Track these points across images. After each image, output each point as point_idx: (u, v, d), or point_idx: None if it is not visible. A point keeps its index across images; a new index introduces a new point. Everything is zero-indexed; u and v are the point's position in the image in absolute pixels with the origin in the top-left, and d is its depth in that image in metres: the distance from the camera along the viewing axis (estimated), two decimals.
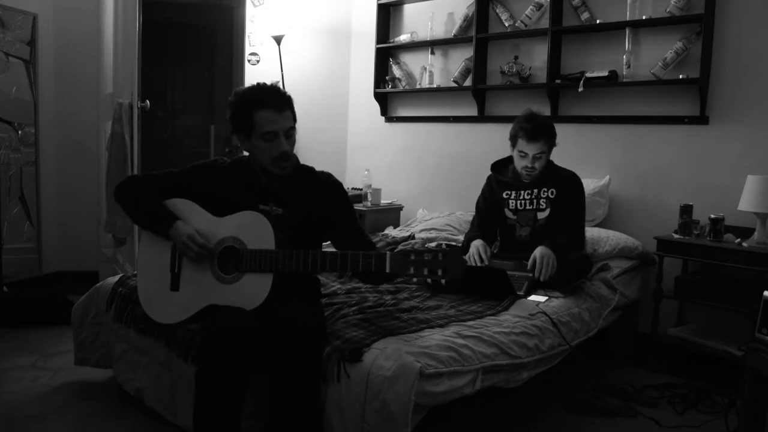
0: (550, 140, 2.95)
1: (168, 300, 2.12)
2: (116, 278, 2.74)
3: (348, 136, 5.28)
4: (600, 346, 3.21)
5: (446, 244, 1.96)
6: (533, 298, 2.65)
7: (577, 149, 3.87)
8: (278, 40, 4.53)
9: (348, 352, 1.92)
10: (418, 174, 4.79)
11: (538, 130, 2.91)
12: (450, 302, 2.52)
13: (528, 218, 3.04)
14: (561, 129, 3.82)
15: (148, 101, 4.11)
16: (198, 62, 5.33)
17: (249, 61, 4.69)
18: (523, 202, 3.06)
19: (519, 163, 3.01)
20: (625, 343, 3.42)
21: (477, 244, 2.98)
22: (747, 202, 2.98)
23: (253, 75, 4.66)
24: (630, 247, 3.40)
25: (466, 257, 2.95)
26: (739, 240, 3.02)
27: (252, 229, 2.08)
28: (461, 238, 3.65)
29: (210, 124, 5.30)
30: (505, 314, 2.39)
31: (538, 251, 2.77)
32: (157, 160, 4.98)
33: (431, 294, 2.65)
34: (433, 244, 2.01)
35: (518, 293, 2.64)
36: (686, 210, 3.21)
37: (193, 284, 2.11)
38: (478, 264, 2.89)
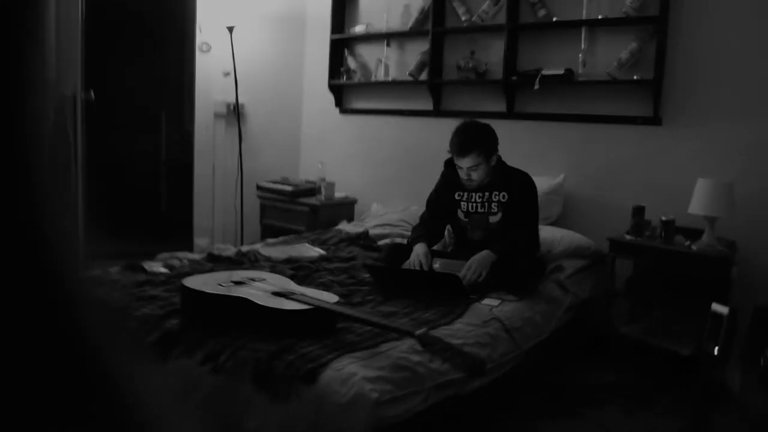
0: (483, 151, 2.87)
1: None
2: None
3: (302, 127, 5.18)
4: (552, 344, 3.21)
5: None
6: (486, 302, 2.63)
7: (532, 147, 3.86)
8: (230, 29, 4.39)
9: (303, 373, 1.83)
10: (373, 167, 4.72)
11: (465, 146, 2.85)
12: (403, 308, 2.47)
13: (480, 221, 3.01)
14: (516, 126, 3.85)
15: (92, 91, 3.93)
16: (149, 48, 5.13)
17: (201, 48, 4.54)
18: (474, 204, 3.02)
19: (459, 173, 2.97)
20: (576, 342, 3.44)
21: (419, 253, 2.90)
22: (697, 205, 3.01)
23: (204, 63, 4.52)
24: (583, 247, 3.42)
25: (408, 263, 2.91)
26: (688, 242, 3.05)
27: None
28: None
29: (161, 110, 5.13)
30: (459, 322, 2.35)
31: (476, 256, 2.78)
32: (110, 147, 4.79)
33: (383, 299, 2.60)
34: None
35: (471, 296, 2.62)
36: (638, 211, 3.22)
37: None
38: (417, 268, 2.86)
